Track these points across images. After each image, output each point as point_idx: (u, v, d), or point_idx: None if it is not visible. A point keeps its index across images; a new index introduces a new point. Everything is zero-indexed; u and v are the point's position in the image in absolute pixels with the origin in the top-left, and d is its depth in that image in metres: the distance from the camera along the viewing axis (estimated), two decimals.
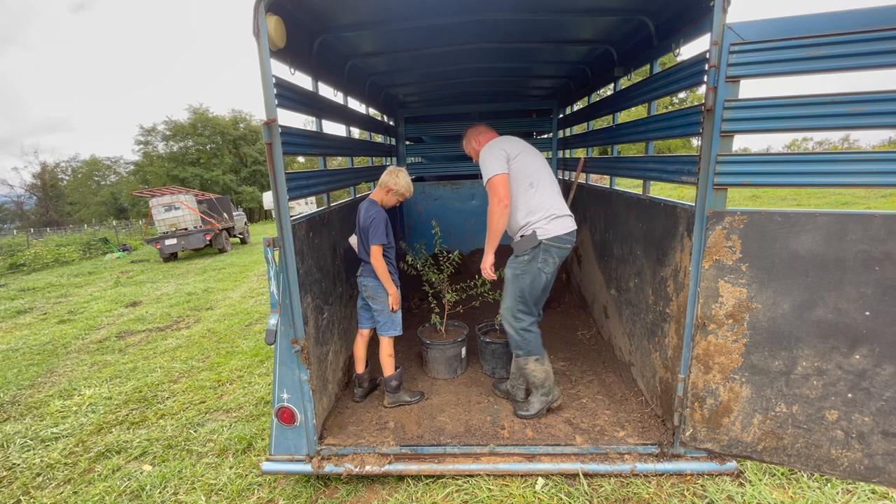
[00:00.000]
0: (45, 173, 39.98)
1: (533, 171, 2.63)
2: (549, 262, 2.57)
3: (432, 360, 3.34)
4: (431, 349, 3.30)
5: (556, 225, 2.56)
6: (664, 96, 2.67)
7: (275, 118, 2.09)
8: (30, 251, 14.66)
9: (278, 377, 2.42)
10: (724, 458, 2.32)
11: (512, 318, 2.68)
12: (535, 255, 2.55)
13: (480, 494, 2.35)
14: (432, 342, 3.29)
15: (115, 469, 2.88)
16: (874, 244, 1.83)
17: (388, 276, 2.78)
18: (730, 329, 2.10)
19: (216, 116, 33.88)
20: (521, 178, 2.60)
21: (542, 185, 2.62)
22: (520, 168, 2.60)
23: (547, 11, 2.69)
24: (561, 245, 2.57)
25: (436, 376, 3.36)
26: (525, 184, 2.60)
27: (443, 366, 3.32)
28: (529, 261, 2.57)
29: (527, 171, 2.61)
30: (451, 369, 3.33)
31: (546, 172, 2.69)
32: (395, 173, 2.86)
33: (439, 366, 3.33)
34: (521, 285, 2.61)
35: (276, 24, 2.08)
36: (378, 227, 2.74)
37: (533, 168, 2.64)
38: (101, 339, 5.64)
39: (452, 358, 3.31)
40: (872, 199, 13.44)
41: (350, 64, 3.46)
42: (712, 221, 2.02)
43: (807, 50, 1.77)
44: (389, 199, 2.89)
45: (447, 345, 3.27)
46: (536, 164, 2.67)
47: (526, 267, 2.58)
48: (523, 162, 2.62)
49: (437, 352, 3.29)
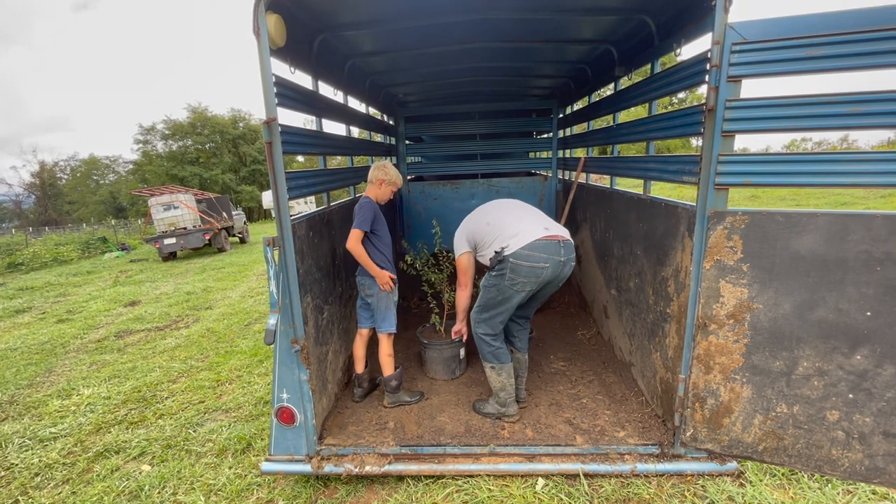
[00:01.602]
0: (44, 172, 39.93)
1: (489, 212, 2.80)
2: (516, 280, 2.49)
3: (431, 361, 3.33)
4: (430, 349, 3.29)
5: (521, 239, 2.49)
6: (665, 96, 2.66)
7: (274, 117, 2.08)
8: (28, 250, 14.63)
9: (278, 377, 2.41)
10: (724, 459, 2.31)
11: (473, 322, 2.77)
12: (502, 272, 2.54)
13: (480, 495, 2.35)
14: (430, 342, 3.28)
15: (114, 469, 2.87)
16: (875, 244, 1.83)
17: (367, 260, 2.74)
18: (731, 329, 2.09)
19: (215, 115, 33.85)
20: (480, 227, 2.74)
21: (502, 217, 2.69)
22: (476, 224, 2.79)
23: (547, 11, 2.68)
24: (531, 263, 2.45)
25: (434, 377, 3.35)
26: (483, 226, 2.72)
27: (441, 366, 3.31)
28: (496, 276, 2.58)
29: (484, 219, 2.76)
30: (450, 370, 3.33)
31: (509, 208, 2.80)
32: (382, 167, 2.86)
33: (437, 366, 3.32)
34: (487, 296, 2.65)
35: (276, 23, 2.07)
36: (364, 215, 2.72)
37: (487, 211, 2.83)
38: (99, 339, 5.63)
39: (451, 359, 3.30)
40: (872, 199, 13.46)
41: (350, 63, 3.45)
42: (713, 221, 2.01)
43: (808, 50, 1.76)
44: (384, 193, 2.88)
45: (445, 345, 3.26)
46: (492, 208, 2.84)
47: (494, 281, 2.59)
48: (478, 220, 2.79)
49: (435, 352, 3.28)
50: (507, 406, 2.74)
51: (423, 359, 3.41)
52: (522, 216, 2.68)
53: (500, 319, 2.67)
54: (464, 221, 2.91)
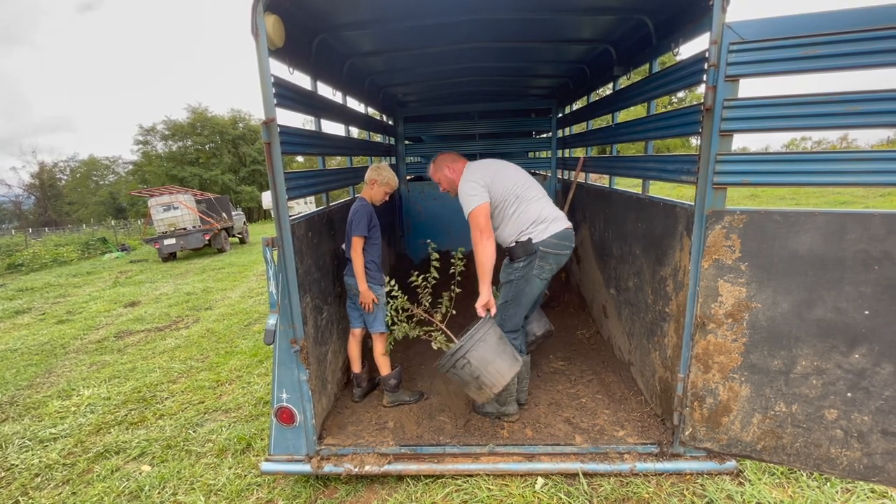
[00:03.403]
0: (44, 173, 39.90)
1: (516, 184, 2.55)
2: (544, 269, 2.50)
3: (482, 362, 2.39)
4: (479, 348, 2.45)
5: (550, 228, 2.50)
6: (663, 95, 2.67)
7: (273, 118, 2.08)
8: (28, 251, 14.63)
9: (277, 377, 2.42)
10: (723, 458, 2.32)
11: (498, 321, 2.59)
12: (531, 262, 2.49)
13: (480, 494, 2.35)
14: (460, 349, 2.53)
15: (114, 469, 2.87)
16: (873, 243, 1.83)
17: (362, 273, 2.74)
18: (729, 328, 2.10)
19: (215, 116, 33.86)
20: (506, 195, 2.52)
21: (528, 195, 2.55)
22: (502, 187, 2.53)
23: (546, 11, 2.68)
24: (558, 251, 2.49)
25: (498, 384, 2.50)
26: (511, 199, 2.53)
27: (498, 358, 2.40)
28: (524, 266, 2.51)
29: (509, 187, 2.53)
30: (510, 357, 2.41)
31: (528, 180, 2.62)
32: (376, 168, 2.88)
33: (498, 362, 2.42)
34: (517, 289, 2.56)
35: (275, 23, 2.07)
36: (360, 220, 2.73)
37: (514, 181, 2.56)
38: (99, 340, 5.63)
39: (500, 341, 2.51)
40: (871, 198, 13.45)
41: (349, 63, 3.45)
42: (712, 221, 2.02)
43: (806, 49, 1.77)
44: (377, 193, 2.89)
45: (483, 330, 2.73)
46: (518, 177, 2.59)
47: (522, 272, 2.52)
48: (502, 180, 2.54)
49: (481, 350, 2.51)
50: (507, 405, 2.73)
51: (467, 377, 2.36)
52: (540, 196, 2.59)
53: (525, 313, 2.64)
54: (473, 170, 2.60)
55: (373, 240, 2.84)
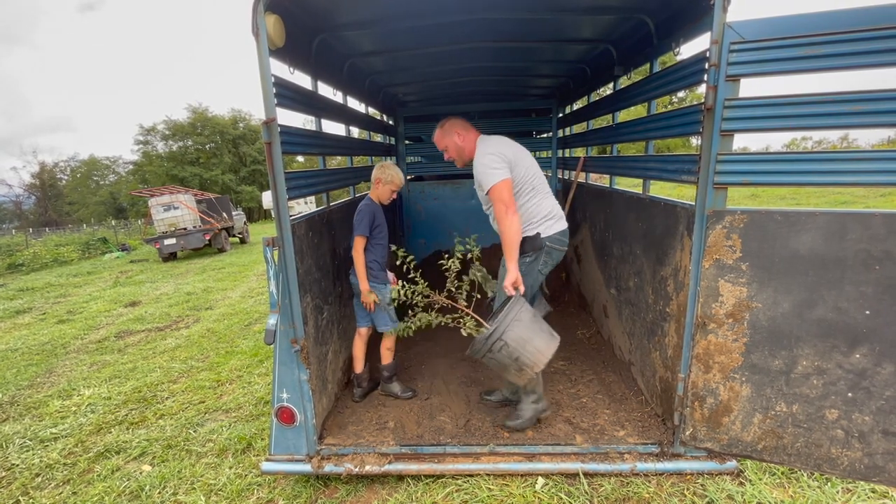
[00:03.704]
0: (44, 173, 39.95)
1: (533, 175, 2.53)
2: (548, 264, 2.56)
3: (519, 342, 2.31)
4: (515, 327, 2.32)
5: (557, 225, 2.55)
6: (664, 95, 2.66)
7: (274, 117, 2.08)
8: (28, 251, 14.64)
9: (278, 377, 2.42)
10: (724, 458, 2.31)
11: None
12: (538, 257, 2.51)
13: (480, 494, 2.35)
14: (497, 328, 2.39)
15: (115, 469, 2.87)
16: (874, 243, 1.83)
17: (363, 272, 2.76)
18: (730, 328, 2.10)
19: (215, 116, 33.88)
20: (523, 184, 2.48)
21: (543, 189, 2.57)
22: (524, 171, 2.48)
23: (546, 10, 2.68)
24: (561, 248, 2.57)
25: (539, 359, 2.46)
26: (528, 188, 2.50)
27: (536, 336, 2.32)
28: (531, 262, 2.51)
29: (528, 175, 2.51)
30: (548, 334, 2.35)
31: (541, 173, 2.62)
32: (381, 166, 2.89)
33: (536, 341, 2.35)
34: (526, 284, 2.49)
35: (275, 23, 2.07)
36: (362, 220, 2.74)
37: (532, 171, 2.54)
38: (100, 339, 5.64)
39: (535, 319, 2.43)
40: (871, 197, 13.44)
41: (349, 63, 3.45)
42: (712, 220, 2.02)
43: (807, 49, 1.76)
44: (383, 192, 2.90)
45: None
46: (536, 167, 2.57)
47: (527, 268, 2.51)
48: (523, 166, 2.49)
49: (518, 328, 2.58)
50: (541, 402, 2.62)
51: (511, 354, 2.24)
52: (550, 191, 2.61)
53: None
54: (493, 143, 2.49)
55: (377, 240, 2.85)
